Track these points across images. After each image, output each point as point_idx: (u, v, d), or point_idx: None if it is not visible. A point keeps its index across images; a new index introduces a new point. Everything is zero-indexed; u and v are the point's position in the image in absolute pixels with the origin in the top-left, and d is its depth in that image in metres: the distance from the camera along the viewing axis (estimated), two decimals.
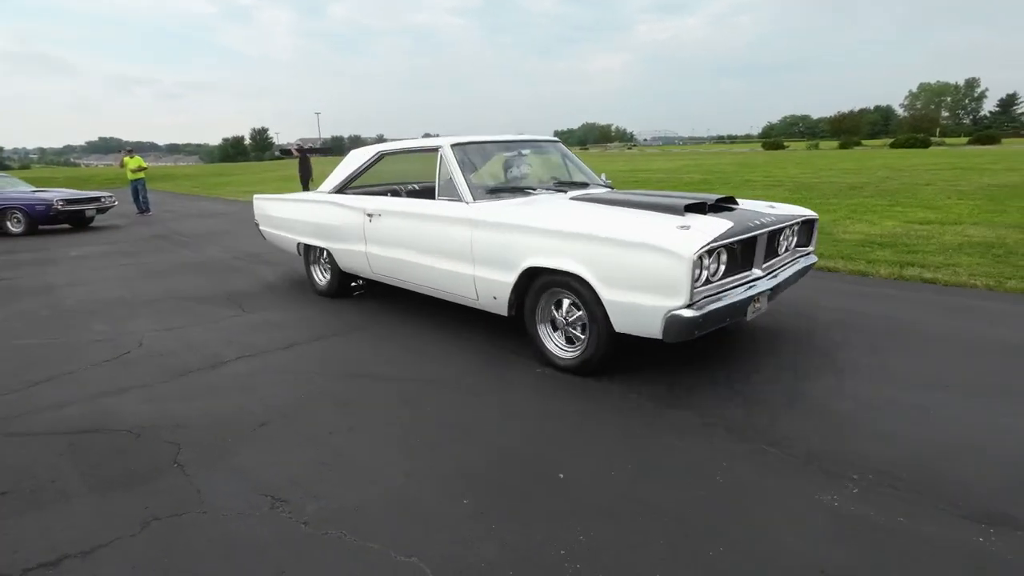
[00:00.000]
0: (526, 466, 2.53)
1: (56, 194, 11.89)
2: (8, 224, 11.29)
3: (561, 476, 2.42)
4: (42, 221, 11.37)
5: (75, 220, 11.93)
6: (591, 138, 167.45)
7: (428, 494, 2.35)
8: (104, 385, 3.59)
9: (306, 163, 15.81)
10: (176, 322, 4.93)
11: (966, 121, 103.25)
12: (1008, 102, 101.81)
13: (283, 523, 2.18)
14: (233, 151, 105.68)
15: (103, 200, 12.33)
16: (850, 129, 77.26)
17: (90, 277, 7.00)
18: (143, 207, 14.38)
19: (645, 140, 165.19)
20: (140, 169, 14.46)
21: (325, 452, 2.71)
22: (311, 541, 2.08)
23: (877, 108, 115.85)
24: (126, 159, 14.57)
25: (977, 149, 35.11)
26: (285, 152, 19.17)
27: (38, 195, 11.69)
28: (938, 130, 73.97)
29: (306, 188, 15.44)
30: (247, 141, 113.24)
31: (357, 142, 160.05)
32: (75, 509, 2.33)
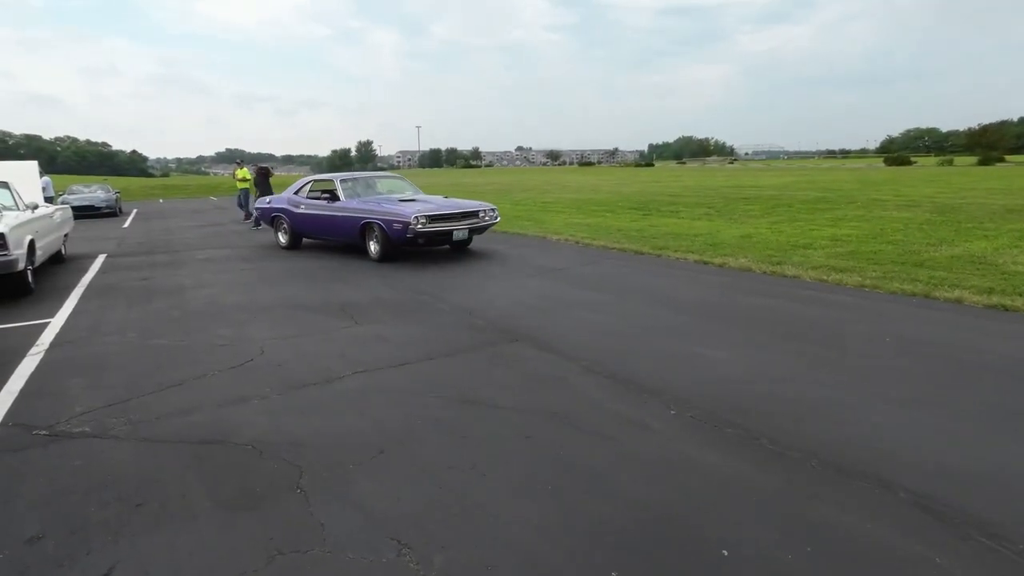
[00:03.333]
0: (678, 535, 2.17)
1: (420, 206, 8.28)
2: (370, 244, 8.44)
3: (725, 553, 2.04)
4: (398, 243, 8.05)
5: (441, 243, 8.57)
6: (687, 152, 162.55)
7: (566, 559, 2.06)
8: (228, 393, 3.64)
9: (265, 183, 14.21)
10: (292, 331, 5.01)
11: None
12: None
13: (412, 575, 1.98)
14: (340, 162, 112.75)
15: (482, 215, 8.53)
16: (991, 143, 68.51)
17: (213, 280, 7.42)
18: (248, 213, 15.23)
19: (746, 154, 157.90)
20: (245, 180, 15.58)
21: (447, 491, 2.49)
22: None
23: (1022, 120, 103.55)
24: (237, 170, 16.02)
25: None
26: (261, 172, 17.18)
27: (399, 208, 8.18)
28: None
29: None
30: (352, 153, 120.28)
31: (453, 154, 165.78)
32: (202, 529, 2.27)
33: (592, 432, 3.02)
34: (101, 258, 9.62)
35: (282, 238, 10.15)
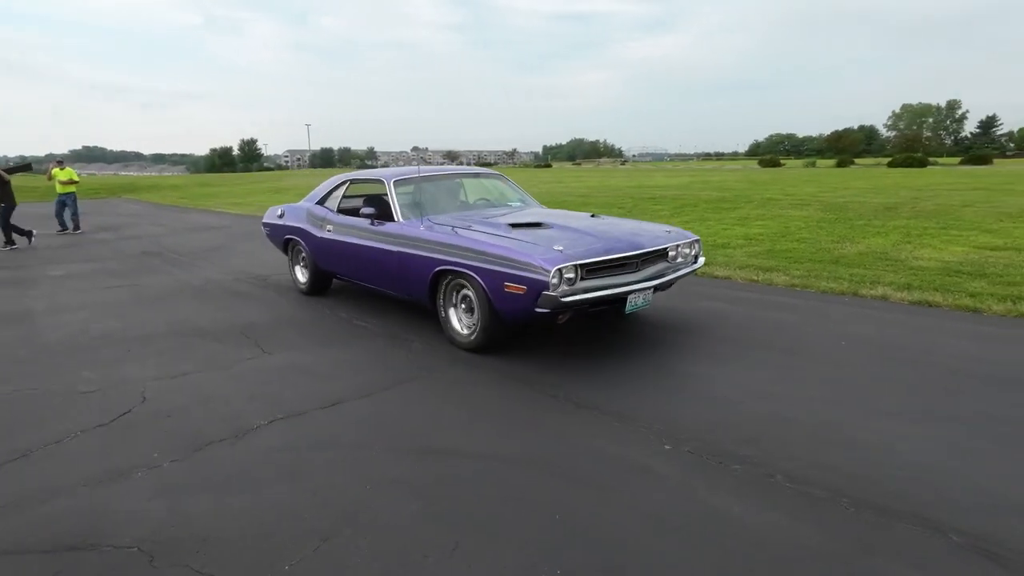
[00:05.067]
0: None
1: (563, 238, 4.01)
2: (450, 312, 4.36)
3: None
4: (517, 319, 3.97)
5: (596, 313, 4.26)
6: (580, 153, 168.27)
7: None
8: (99, 464, 2.74)
9: (6, 190, 10.36)
10: (183, 366, 4.07)
11: (947, 142, 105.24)
12: (988, 124, 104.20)
13: None
14: (220, 162, 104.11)
15: (672, 255, 4.36)
16: (845, 147, 78.38)
17: (75, 302, 6.09)
18: (66, 225, 12.54)
19: (634, 156, 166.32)
20: (71, 182, 12.69)
21: None
22: None
23: (861, 127, 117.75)
24: (55, 171, 12.79)
25: (975, 169, 35.23)
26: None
27: (518, 246, 3.88)
28: (921, 150, 74.79)
29: (7, 229, 10.35)
30: (235, 152, 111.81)
31: (347, 154, 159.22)
32: None
33: (584, 482, 2.53)
34: None
35: (300, 275, 6.23)
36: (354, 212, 5.29)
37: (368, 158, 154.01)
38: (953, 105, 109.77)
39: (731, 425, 3.00)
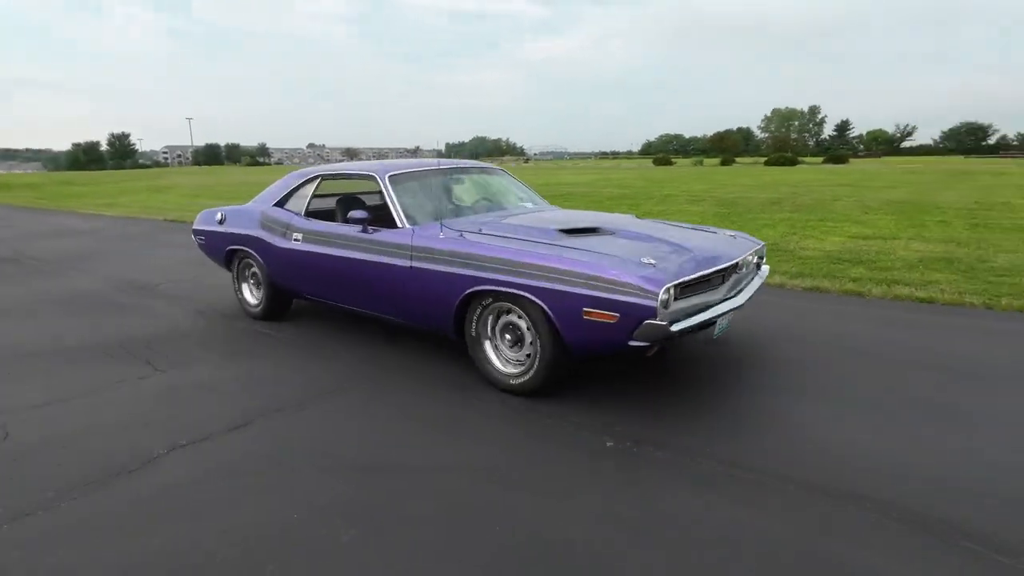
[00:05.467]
0: None
1: (646, 250, 3.22)
2: (485, 344, 3.46)
3: None
4: (593, 352, 3.12)
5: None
6: (482, 151, 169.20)
7: None
8: None
9: None
10: (55, 391, 3.50)
11: (811, 143, 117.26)
12: (843, 127, 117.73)
13: None
14: (86, 158, 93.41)
15: (741, 266, 3.59)
16: (727, 147, 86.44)
17: None
18: None
19: (536, 154, 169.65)
20: None
21: None
22: None
23: (739, 129, 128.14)
24: None
25: (836, 167, 39.46)
26: None
27: (588, 258, 3.03)
28: (790, 150, 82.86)
29: None
30: (104, 147, 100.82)
31: (236, 151, 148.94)
32: None
33: (536, 490, 2.42)
34: None
35: (249, 296, 5.10)
36: (327, 216, 4.54)
37: (260, 155, 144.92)
38: (814, 110, 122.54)
39: (664, 415, 3.04)
